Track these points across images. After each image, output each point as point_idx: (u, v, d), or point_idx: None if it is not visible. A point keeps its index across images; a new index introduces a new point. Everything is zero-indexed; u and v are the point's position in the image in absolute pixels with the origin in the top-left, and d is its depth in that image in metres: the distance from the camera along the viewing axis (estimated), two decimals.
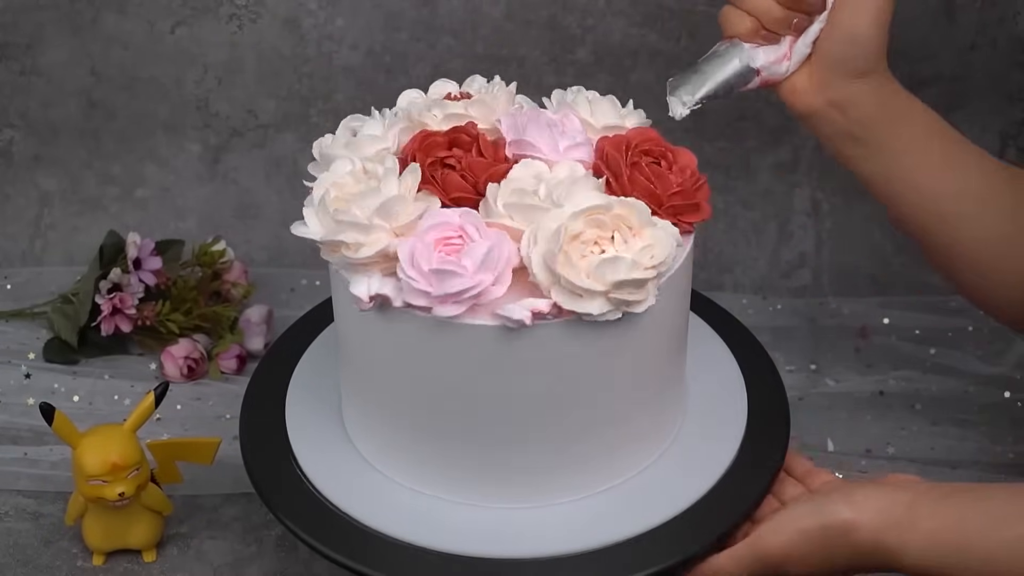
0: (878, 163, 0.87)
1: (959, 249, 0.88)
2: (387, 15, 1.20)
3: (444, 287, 0.74)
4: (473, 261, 0.74)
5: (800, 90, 0.87)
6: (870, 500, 0.76)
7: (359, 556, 0.79)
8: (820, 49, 0.86)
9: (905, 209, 0.89)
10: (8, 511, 0.98)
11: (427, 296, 0.74)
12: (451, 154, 0.79)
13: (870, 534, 0.76)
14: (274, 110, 1.24)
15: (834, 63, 0.85)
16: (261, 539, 0.96)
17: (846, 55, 0.85)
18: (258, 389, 0.91)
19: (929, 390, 1.10)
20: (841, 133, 0.87)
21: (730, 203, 1.24)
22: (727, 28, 0.87)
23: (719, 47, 0.87)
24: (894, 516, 0.75)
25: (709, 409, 0.88)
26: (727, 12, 0.87)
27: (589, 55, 1.21)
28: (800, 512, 0.78)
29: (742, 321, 0.97)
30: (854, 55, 0.85)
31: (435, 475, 0.81)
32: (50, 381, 1.09)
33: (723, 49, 0.87)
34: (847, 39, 0.84)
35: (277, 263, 1.24)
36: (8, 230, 1.25)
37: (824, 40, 0.85)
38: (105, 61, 1.22)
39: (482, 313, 0.75)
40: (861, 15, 0.84)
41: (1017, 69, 1.21)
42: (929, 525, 0.75)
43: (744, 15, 0.86)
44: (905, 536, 0.75)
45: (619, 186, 0.79)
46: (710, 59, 0.87)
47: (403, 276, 0.75)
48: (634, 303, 0.75)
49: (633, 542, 0.79)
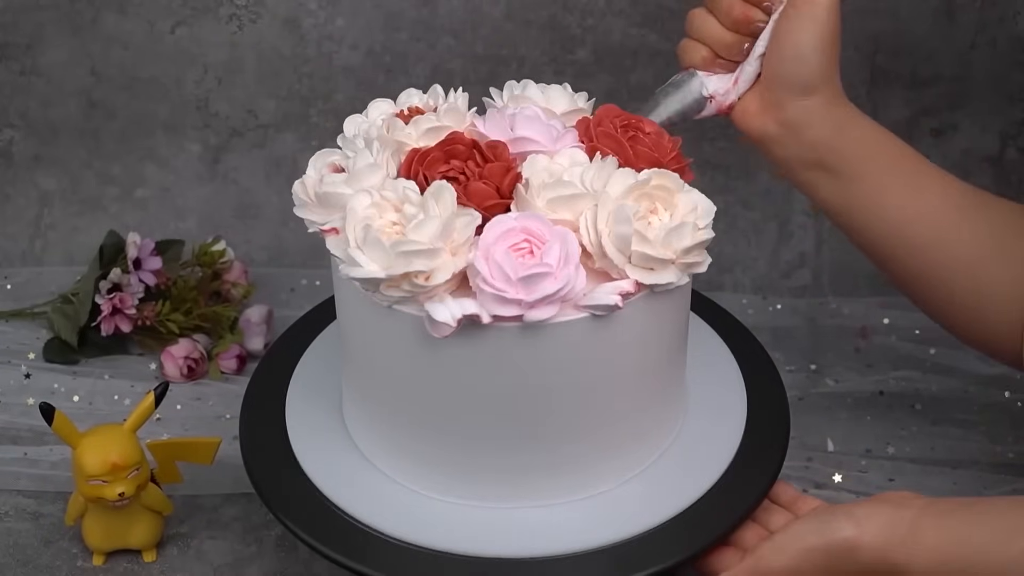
0: (837, 188, 0.87)
1: (928, 277, 0.88)
2: (387, 15, 1.20)
3: (537, 291, 0.73)
4: (555, 259, 0.74)
5: (752, 112, 0.87)
6: (872, 518, 0.75)
7: (359, 556, 0.79)
8: (766, 68, 0.86)
9: (868, 236, 0.88)
10: (8, 511, 0.98)
11: (519, 304, 0.73)
12: (451, 167, 0.78)
13: (875, 552, 0.75)
14: (274, 110, 1.24)
15: (781, 81, 0.85)
16: (261, 539, 0.96)
17: (792, 72, 0.85)
18: (258, 389, 0.91)
19: (929, 390, 1.10)
20: (796, 157, 0.87)
21: (730, 203, 1.24)
22: (684, 59, 0.89)
23: (676, 77, 0.89)
24: (898, 534, 0.74)
25: (709, 409, 0.88)
26: (684, 44, 0.89)
27: (589, 55, 1.21)
28: (803, 531, 0.77)
29: (742, 321, 0.97)
30: (800, 72, 0.85)
31: (436, 475, 0.81)
32: (50, 381, 1.09)
33: (679, 79, 0.89)
34: (792, 56, 0.84)
35: (277, 263, 1.24)
36: (8, 230, 1.25)
37: (770, 58, 0.86)
38: (105, 61, 1.22)
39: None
40: (805, 31, 0.84)
41: (1017, 69, 1.21)
42: (934, 541, 0.74)
43: (698, 45, 0.88)
44: (911, 553, 0.74)
45: (626, 160, 0.79)
46: (666, 89, 0.89)
47: (490, 290, 0.73)
48: (696, 265, 0.77)
49: (633, 542, 0.79)
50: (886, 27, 1.19)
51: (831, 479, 0.98)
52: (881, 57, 1.20)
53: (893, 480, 1.00)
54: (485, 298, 0.74)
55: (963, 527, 0.74)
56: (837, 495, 0.98)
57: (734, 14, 0.86)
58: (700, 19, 0.88)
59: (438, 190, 0.75)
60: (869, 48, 1.19)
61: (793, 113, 0.85)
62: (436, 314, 0.74)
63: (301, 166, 0.82)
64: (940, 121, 1.23)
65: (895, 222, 0.87)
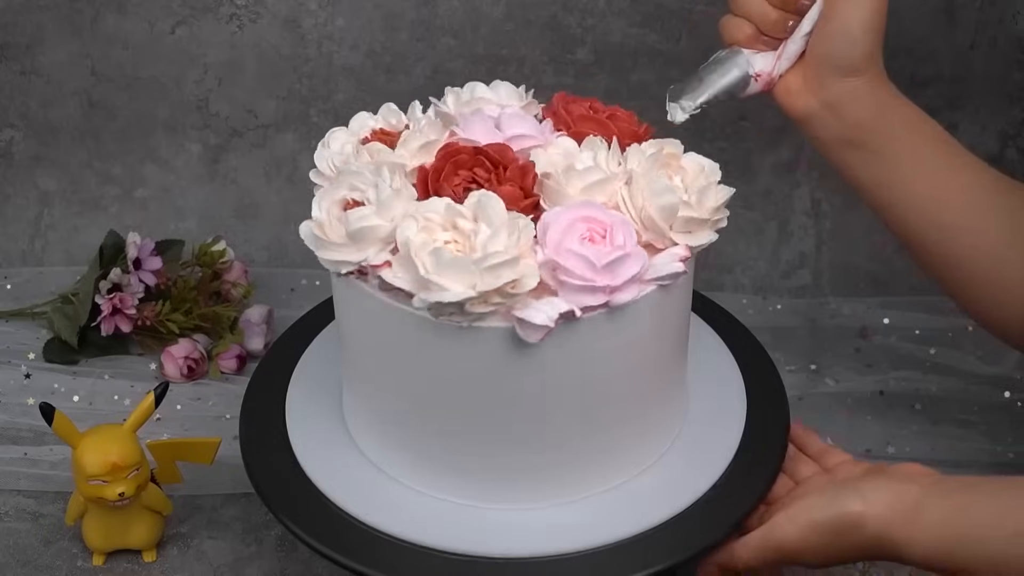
0: (874, 168, 0.87)
1: (954, 259, 0.88)
2: (387, 15, 1.20)
3: (621, 274, 0.74)
4: (625, 240, 0.75)
5: (794, 91, 0.87)
6: (880, 493, 0.77)
7: (359, 556, 0.79)
8: (813, 47, 0.86)
9: (900, 217, 0.88)
10: (8, 511, 0.98)
11: (605, 291, 0.74)
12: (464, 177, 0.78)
13: (878, 527, 0.76)
14: (274, 110, 1.24)
15: (827, 61, 0.85)
16: (261, 539, 0.96)
17: (840, 52, 0.85)
18: (258, 389, 0.91)
19: (929, 390, 1.10)
20: (836, 137, 0.87)
21: (730, 203, 1.24)
22: (727, 35, 0.88)
23: (719, 54, 0.88)
24: (901, 510, 0.76)
25: (709, 409, 0.88)
26: (727, 20, 0.88)
27: (589, 55, 1.21)
28: (814, 503, 0.79)
29: (742, 321, 0.97)
30: (848, 52, 0.85)
31: (436, 474, 0.81)
32: (50, 381, 1.09)
33: (723, 56, 0.88)
34: (841, 36, 0.84)
35: (277, 263, 1.24)
36: (8, 230, 1.25)
37: (817, 38, 0.85)
38: (105, 61, 1.22)
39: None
40: (856, 11, 0.84)
41: (1017, 69, 1.21)
42: (934, 519, 0.75)
43: (742, 21, 0.87)
44: (911, 530, 0.76)
45: (612, 138, 0.81)
46: (710, 66, 0.88)
47: (577, 282, 0.73)
48: (720, 222, 0.80)
49: (633, 542, 0.79)
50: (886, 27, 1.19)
51: None
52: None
53: None
54: (570, 292, 0.74)
55: (963, 505, 0.76)
56: None
57: None
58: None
59: (484, 201, 0.74)
60: None
61: (837, 93, 0.85)
62: (535, 319, 0.73)
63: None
64: (940, 121, 1.21)
65: (927, 203, 0.87)
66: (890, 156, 0.86)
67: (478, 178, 0.77)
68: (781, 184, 1.24)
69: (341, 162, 0.81)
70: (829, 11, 0.85)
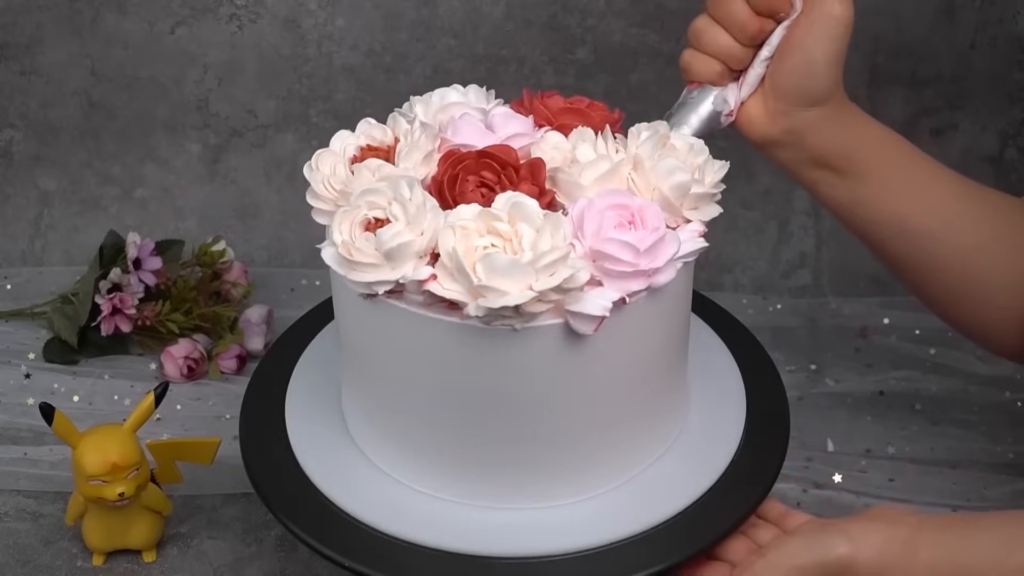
0: (841, 186, 0.87)
1: (929, 270, 0.88)
2: (387, 15, 1.20)
3: (661, 256, 0.75)
4: (655, 220, 0.75)
5: (755, 119, 0.86)
6: (867, 535, 0.74)
7: (359, 556, 0.79)
8: (775, 79, 0.85)
9: (871, 230, 0.88)
10: (8, 511, 0.98)
11: (646, 275, 0.75)
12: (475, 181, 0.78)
13: (871, 570, 0.74)
14: (274, 110, 1.24)
15: (789, 92, 0.84)
16: (261, 539, 0.96)
17: (802, 86, 0.84)
18: (258, 389, 0.91)
19: (929, 390, 1.10)
20: (800, 160, 0.86)
21: (730, 203, 1.23)
22: (692, 74, 0.86)
23: (687, 94, 0.87)
24: (893, 551, 0.74)
25: (709, 409, 0.88)
26: (690, 57, 0.86)
27: (589, 55, 1.21)
28: (794, 549, 0.75)
29: (742, 321, 0.97)
30: (810, 85, 0.84)
31: (436, 474, 0.81)
32: (50, 381, 1.09)
33: (694, 97, 0.87)
34: (803, 70, 0.83)
35: (277, 263, 1.24)
36: (8, 230, 1.25)
37: (779, 70, 0.84)
38: (105, 61, 1.22)
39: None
40: (820, 44, 0.82)
41: (1017, 69, 1.21)
42: (930, 557, 0.73)
43: (710, 59, 0.85)
44: (908, 569, 0.73)
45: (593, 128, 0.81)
46: (682, 110, 0.86)
47: (623, 268, 0.74)
48: (718, 195, 0.81)
49: (633, 542, 0.79)
50: (886, 27, 1.19)
51: (831, 479, 0.98)
52: (881, 57, 1.20)
53: (893, 480, 1.00)
54: (615, 279, 0.75)
55: (959, 542, 0.74)
56: (837, 495, 0.98)
57: (749, 30, 0.83)
58: (709, 32, 0.85)
59: (519, 202, 0.74)
60: (869, 48, 1.19)
61: (799, 121, 0.85)
62: (592, 309, 0.73)
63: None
64: (940, 121, 1.23)
65: (898, 216, 0.87)
66: (857, 174, 0.86)
67: (487, 181, 0.77)
68: (781, 184, 1.24)
69: (340, 183, 0.80)
70: (791, 44, 0.83)
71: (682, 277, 0.80)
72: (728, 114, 0.86)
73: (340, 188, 0.79)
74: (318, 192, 0.81)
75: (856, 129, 0.86)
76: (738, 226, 1.24)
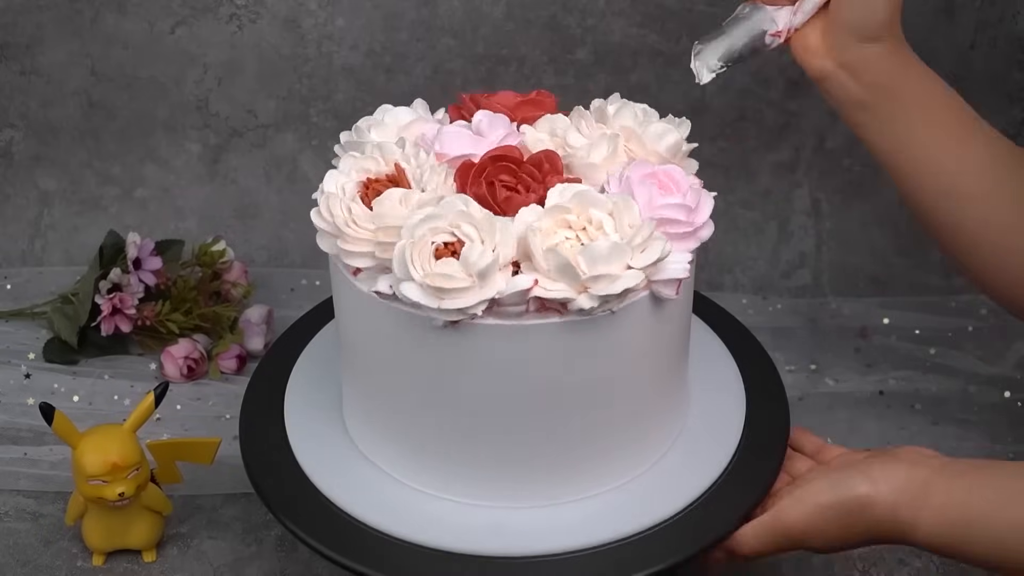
0: (887, 132, 0.87)
1: (961, 225, 0.88)
2: (387, 15, 1.20)
3: (702, 212, 0.79)
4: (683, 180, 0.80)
5: (812, 50, 0.87)
6: (888, 475, 0.78)
7: (359, 556, 0.79)
8: (833, 11, 0.85)
9: (910, 180, 0.88)
10: (8, 511, 0.98)
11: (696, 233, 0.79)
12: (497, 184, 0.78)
13: (886, 509, 0.77)
14: (274, 110, 1.24)
15: (847, 25, 0.85)
16: (261, 539, 0.96)
17: (860, 18, 0.84)
18: (258, 389, 0.91)
19: (929, 390, 1.10)
20: (852, 99, 0.86)
21: (730, 203, 1.24)
22: None
23: (741, 10, 0.88)
24: (909, 492, 0.77)
25: (709, 409, 0.88)
26: None
27: (589, 55, 1.21)
28: (819, 487, 0.79)
29: (742, 321, 0.97)
30: (868, 19, 0.84)
31: (436, 474, 0.81)
32: (50, 381, 1.09)
33: (746, 12, 0.88)
34: (862, 3, 0.84)
35: (277, 263, 1.24)
36: (8, 230, 1.25)
37: (838, 3, 0.85)
38: (105, 61, 1.22)
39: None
40: None
41: (1017, 69, 1.21)
42: (941, 501, 0.76)
43: None
44: (918, 512, 0.76)
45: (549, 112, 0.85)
46: (733, 22, 0.88)
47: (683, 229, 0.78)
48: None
49: (633, 542, 0.79)
50: None
51: None
52: None
53: None
54: (676, 241, 0.78)
55: (969, 488, 0.76)
56: None
57: None
58: None
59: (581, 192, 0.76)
60: None
61: (855, 56, 0.85)
62: (676, 273, 0.77)
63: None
64: None
65: (938, 170, 0.87)
66: (903, 121, 0.86)
67: (506, 183, 0.78)
68: (781, 184, 1.24)
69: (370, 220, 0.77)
70: None
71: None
72: (774, 34, 0.87)
73: (379, 225, 0.76)
74: (347, 233, 0.77)
75: (910, 75, 0.87)
76: (738, 226, 1.24)
